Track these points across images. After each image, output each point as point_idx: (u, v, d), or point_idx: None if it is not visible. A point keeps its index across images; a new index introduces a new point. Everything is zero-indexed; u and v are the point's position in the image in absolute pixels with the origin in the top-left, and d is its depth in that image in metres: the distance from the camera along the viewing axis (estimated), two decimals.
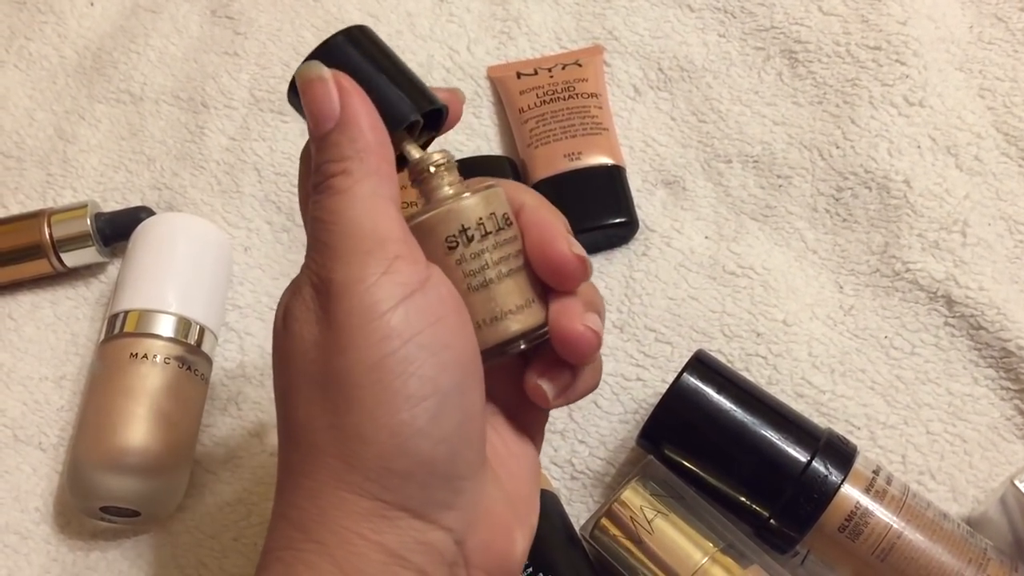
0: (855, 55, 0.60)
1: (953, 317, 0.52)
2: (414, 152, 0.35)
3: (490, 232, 0.34)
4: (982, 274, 0.53)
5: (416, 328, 0.31)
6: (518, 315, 0.34)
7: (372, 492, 0.31)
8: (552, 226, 0.35)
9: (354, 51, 0.35)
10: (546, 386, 0.35)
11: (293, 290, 0.33)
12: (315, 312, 0.32)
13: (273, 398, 0.37)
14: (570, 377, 0.36)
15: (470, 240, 0.34)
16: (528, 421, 0.37)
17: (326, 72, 0.33)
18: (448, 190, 0.35)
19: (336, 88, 0.33)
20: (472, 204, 0.34)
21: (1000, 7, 0.61)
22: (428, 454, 0.31)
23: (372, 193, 0.32)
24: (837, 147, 0.57)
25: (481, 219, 0.34)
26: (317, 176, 0.33)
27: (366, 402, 0.31)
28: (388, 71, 0.35)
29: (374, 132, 0.33)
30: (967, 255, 0.53)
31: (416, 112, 0.35)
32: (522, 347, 0.35)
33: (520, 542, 0.35)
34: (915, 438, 0.50)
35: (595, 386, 0.37)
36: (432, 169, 0.35)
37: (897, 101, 0.58)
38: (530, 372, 0.36)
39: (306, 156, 0.35)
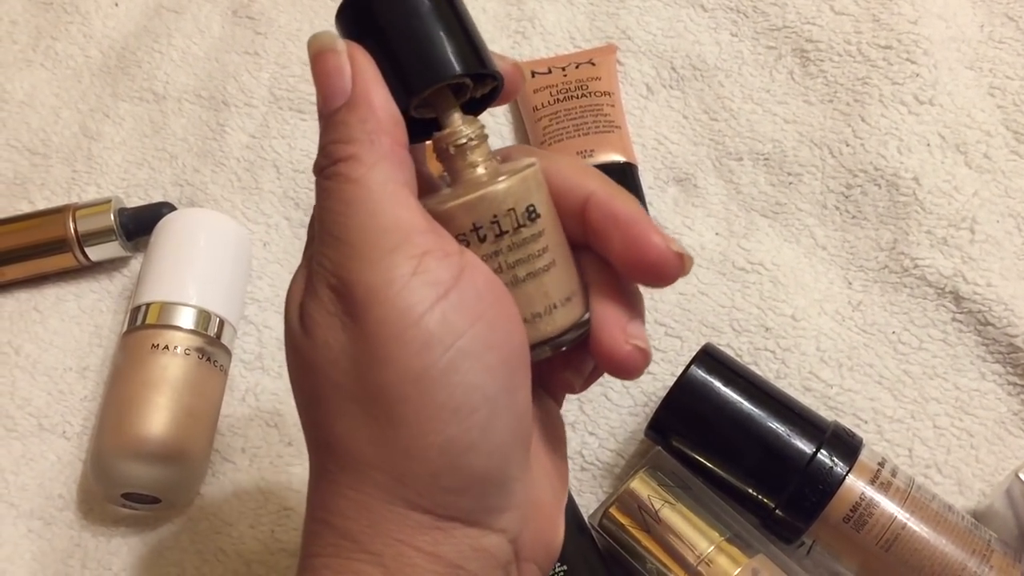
0: (866, 54, 0.60)
1: (961, 313, 0.53)
2: (453, 118, 0.31)
3: (506, 232, 0.30)
4: (990, 270, 0.53)
5: (457, 331, 0.28)
6: (536, 322, 0.31)
7: (425, 507, 0.29)
8: (638, 219, 0.31)
9: None
10: (573, 377, 0.34)
11: (307, 289, 0.30)
12: (339, 318, 0.29)
13: (289, 392, 0.34)
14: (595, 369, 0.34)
15: (482, 240, 0.30)
16: (553, 382, 0.35)
17: (340, 44, 0.30)
18: (477, 171, 0.31)
19: (349, 62, 0.30)
20: (498, 192, 0.30)
21: (1011, 6, 0.61)
22: (482, 468, 0.29)
23: (388, 179, 0.29)
24: (847, 145, 0.58)
25: (496, 216, 0.30)
26: (323, 158, 0.30)
27: (410, 418, 0.28)
28: (445, 17, 0.30)
29: (386, 111, 0.30)
30: (975, 252, 0.54)
31: (464, 69, 0.30)
32: (549, 354, 0.32)
33: (561, 524, 0.34)
34: (922, 432, 0.51)
35: None
36: (463, 142, 0.31)
37: (907, 99, 0.58)
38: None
39: None
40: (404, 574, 0.29)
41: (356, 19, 0.31)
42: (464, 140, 0.31)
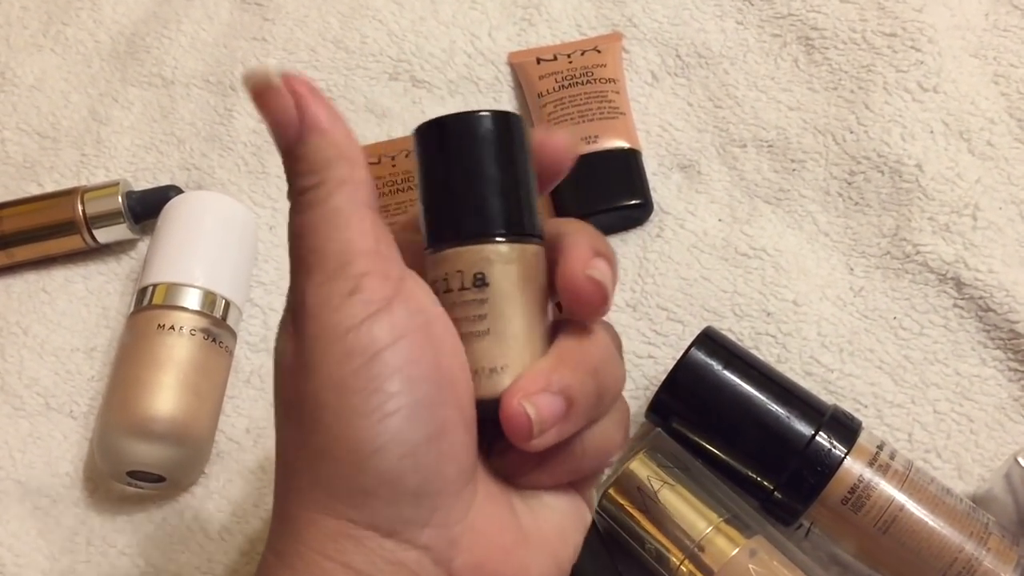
0: (871, 42, 0.60)
1: (962, 299, 0.53)
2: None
3: (451, 290, 0.32)
4: (992, 257, 0.53)
5: (379, 343, 0.29)
6: (482, 379, 0.32)
7: (338, 511, 0.30)
8: (571, 251, 0.32)
9: (491, 133, 0.32)
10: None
11: (285, 308, 0.32)
12: (290, 333, 0.31)
13: None
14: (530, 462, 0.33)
15: (438, 291, 0.32)
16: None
17: (275, 80, 0.31)
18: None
19: (291, 94, 0.30)
20: (450, 256, 0.32)
21: None
22: (392, 470, 0.29)
23: (344, 203, 0.30)
24: (851, 132, 0.58)
25: (447, 275, 0.32)
26: (289, 191, 0.32)
27: (329, 421, 0.29)
28: (509, 173, 0.32)
29: (338, 135, 0.31)
30: (977, 238, 0.54)
31: (500, 228, 0.32)
32: (488, 415, 0.32)
33: (533, 570, 0.32)
34: (922, 417, 0.51)
35: (586, 469, 0.34)
36: None
37: (911, 87, 0.58)
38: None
39: None
40: None
41: (427, 142, 0.33)
42: None
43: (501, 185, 0.32)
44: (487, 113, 0.33)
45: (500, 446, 0.33)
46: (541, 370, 0.32)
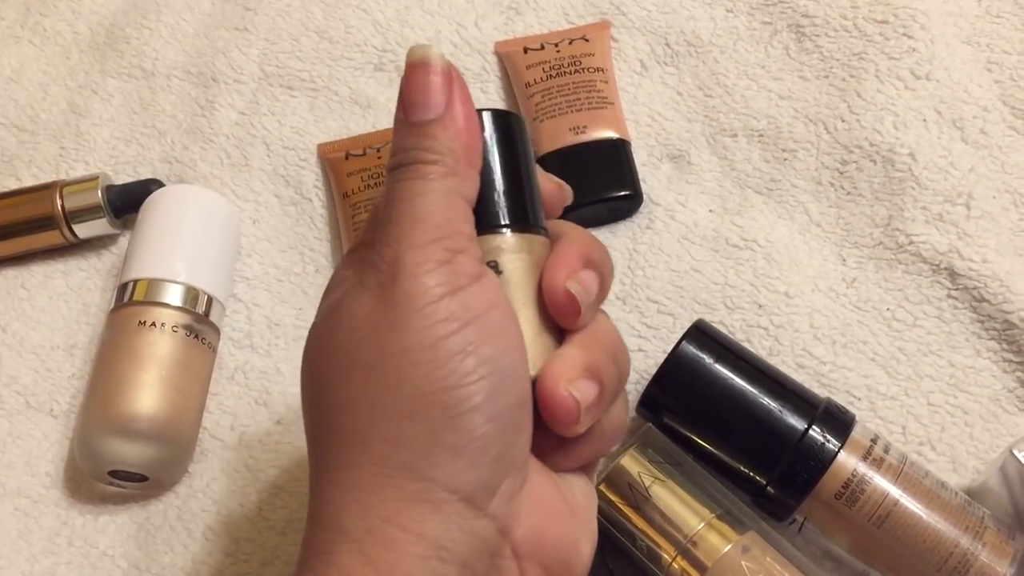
0: (862, 29, 0.59)
1: (956, 289, 0.52)
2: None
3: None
4: (986, 246, 0.53)
5: (473, 313, 0.31)
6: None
7: (421, 471, 0.30)
8: (560, 257, 0.34)
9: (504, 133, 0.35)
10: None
11: (356, 269, 0.33)
12: (370, 290, 0.31)
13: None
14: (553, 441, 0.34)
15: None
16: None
17: (441, 61, 0.33)
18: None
19: (447, 81, 0.33)
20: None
21: None
22: (482, 431, 0.30)
23: (452, 189, 0.32)
24: (843, 120, 0.57)
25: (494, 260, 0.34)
26: (400, 158, 0.33)
27: (419, 380, 0.30)
28: (518, 167, 0.35)
29: (473, 136, 0.33)
30: (971, 228, 0.53)
31: (509, 221, 0.34)
32: None
33: (585, 546, 0.34)
34: (916, 409, 0.50)
35: (603, 450, 0.36)
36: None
37: (903, 75, 0.58)
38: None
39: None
40: (385, 560, 0.29)
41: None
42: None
43: (509, 181, 0.35)
44: (489, 112, 0.35)
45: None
46: (573, 356, 0.33)
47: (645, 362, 0.53)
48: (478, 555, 0.31)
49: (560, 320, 0.34)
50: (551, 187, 0.37)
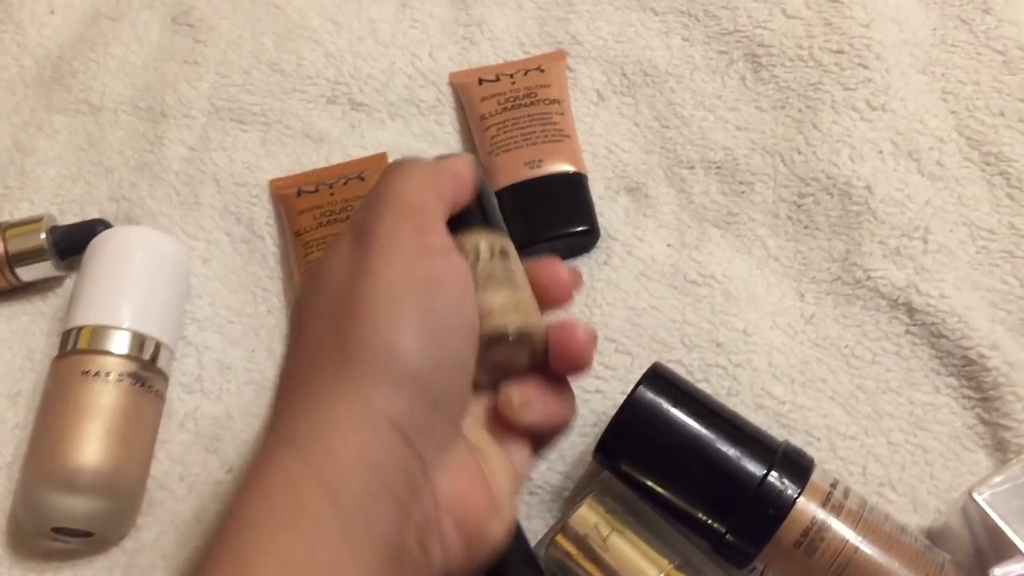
0: (818, 59, 0.59)
1: (914, 325, 0.52)
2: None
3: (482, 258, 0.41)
4: (943, 281, 0.52)
5: (438, 275, 0.36)
6: (507, 314, 0.39)
7: (368, 398, 0.34)
8: (544, 258, 0.42)
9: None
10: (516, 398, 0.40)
11: (329, 249, 0.39)
12: (350, 248, 0.37)
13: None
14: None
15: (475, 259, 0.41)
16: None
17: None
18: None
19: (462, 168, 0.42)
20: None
21: (963, 9, 0.60)
22: (427, 374, 0.35)
23: (437, 195, 0.39)
24: (799, 152, 0.57)
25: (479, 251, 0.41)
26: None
27: (379, 316, 0.35)
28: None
29: (468, 180, 0.41)
30: (928, 262, 0.53)
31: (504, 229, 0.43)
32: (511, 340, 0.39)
33: (496, 526, 0.37)
34: (876, 448, 0.50)
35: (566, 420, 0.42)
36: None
37: (859, 105, 0.57)
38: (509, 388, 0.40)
39: None
40: (325, 466, 0.33)
41: None
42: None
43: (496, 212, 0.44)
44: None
45: (509, 382, 0.40)
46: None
47: (603, 403, 0.52)
48: (403, 484, 0.34)
49: (559, 295, 0.42)
50: (564, 274, 0.42)
